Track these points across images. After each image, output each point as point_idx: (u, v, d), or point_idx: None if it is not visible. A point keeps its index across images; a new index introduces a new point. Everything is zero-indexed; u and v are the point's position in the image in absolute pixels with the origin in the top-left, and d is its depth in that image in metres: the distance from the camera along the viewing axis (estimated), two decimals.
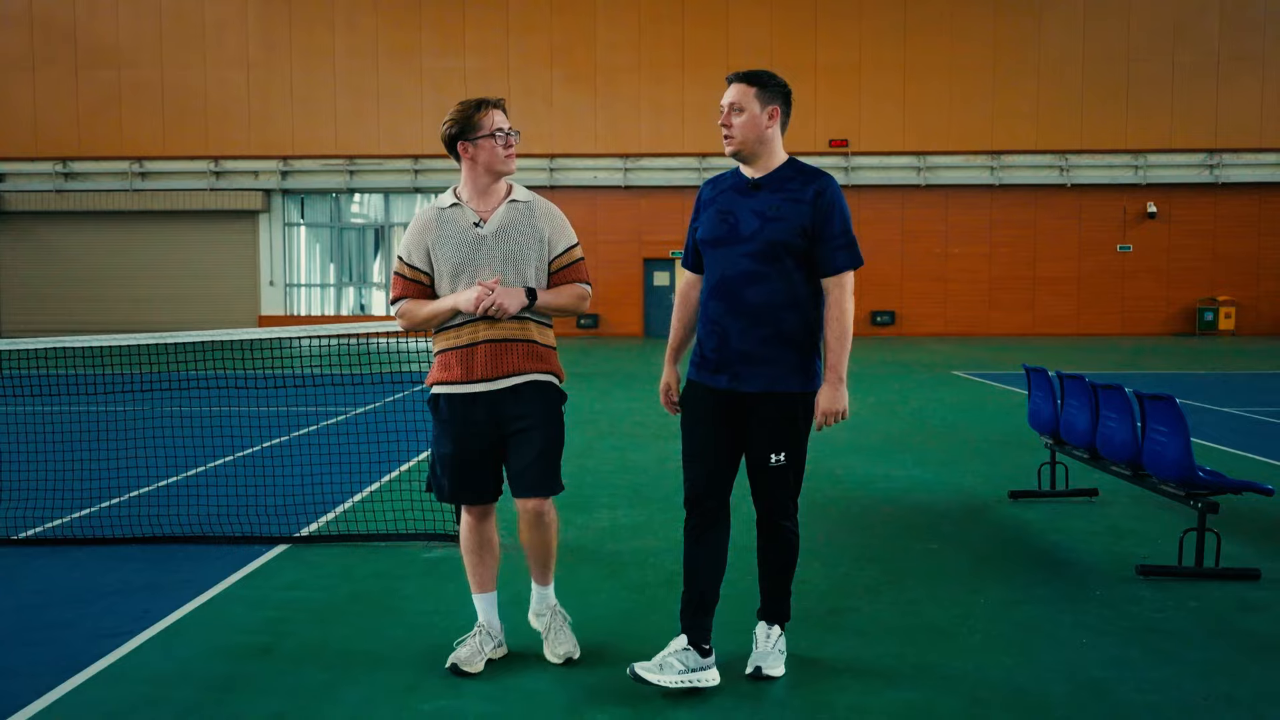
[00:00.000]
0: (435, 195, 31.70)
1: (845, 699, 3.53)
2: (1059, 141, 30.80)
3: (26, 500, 6.34)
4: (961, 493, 7.04)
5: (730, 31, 30.72)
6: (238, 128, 31.45)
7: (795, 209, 3.56)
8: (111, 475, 7.15)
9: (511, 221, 3.75)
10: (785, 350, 3.58)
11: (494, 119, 3.72)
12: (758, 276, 3.56)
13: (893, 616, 4.43)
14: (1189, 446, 4.85)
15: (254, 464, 7.75)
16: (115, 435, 7.96)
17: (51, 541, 5.68)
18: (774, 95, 3.64)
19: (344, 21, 31.12)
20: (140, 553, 5.44)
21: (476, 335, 3.67)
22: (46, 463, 7.26)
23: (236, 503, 6.32)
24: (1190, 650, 4.00)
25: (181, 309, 31.74)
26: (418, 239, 3.78)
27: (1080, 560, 5.31)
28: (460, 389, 3.69)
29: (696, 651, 3.61)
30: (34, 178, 31.71)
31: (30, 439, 7.71)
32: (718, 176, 3.83)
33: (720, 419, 3.65)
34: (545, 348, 3.79)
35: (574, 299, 3.82)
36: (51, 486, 6.67)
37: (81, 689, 3.59)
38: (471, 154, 3.72)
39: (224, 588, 4.81)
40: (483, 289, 3.59)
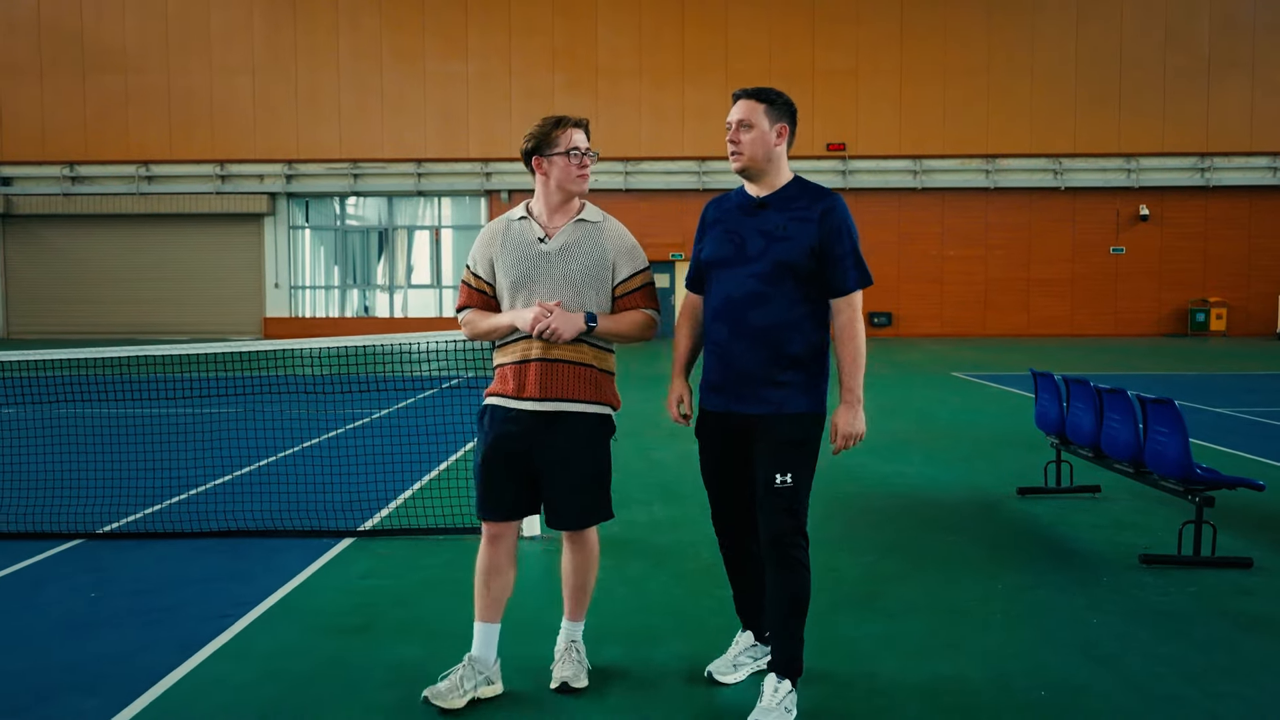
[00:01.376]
0: (439, 199, 32.29)
1: (887, 670, 3.99)
2: (1053, 145, 31.34)
3: (98, 497, 6.78)
4: (972, 489, 7.51)
5: (730, 36, 31.18)
6: (243, 132, 31.83)
7: (803, 228, 3.50)
8: (171, 473, 7.60)
9: (576, 241, 3.69)
10: (790, 372, 3.52)
11: (572, 137, 3.67)
12: (763, 298, 3.51)
13: (919, 599, 4.88)
14: (1188, 445, 5.32)
15: (301, 463, 8.18)
16: (165, 436, 8.39)
17: (133, 535, 6.12)
18: (782, 113, 3.61)
19: (348, 26, 31.51)
20: (218, 545, 5.88)
21: (530, 353, 3.63)
22: (110, 462, 7.70)
23: (297, 499, 6.75)
24: (1191, 628, 4.47)
25: (187, 311, 32.10)
26: (484, 249, 3.76)
27: (1087, 550, 5.77)
28: (509, 403, 3.66)
29: (763, 643, 3.81)
30: (41, 181, 32.07)
31: (86, 439, 8.13)
32: (722, 196, 3.78)
33: (730, 444, 3.64)
34: (601, 373, 3.72)
35: (636, 326, 3.71)
36: (118, 484, 7.11)
37: (207, 664, 4.03)
38: (545, 170, 3.68)
39: (306, 576, 5.25)
40: (541, 310, 3.56)
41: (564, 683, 3.76)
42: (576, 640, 3.92)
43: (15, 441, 8.78)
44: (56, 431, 8.94)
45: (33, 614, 4.68)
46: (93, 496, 6.82)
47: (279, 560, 5.53)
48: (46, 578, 5.28)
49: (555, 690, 3.75)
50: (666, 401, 3.81)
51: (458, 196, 32.40)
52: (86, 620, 4.58)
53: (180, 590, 5.02)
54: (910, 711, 3.58)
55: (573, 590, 3.90)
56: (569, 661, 3.84)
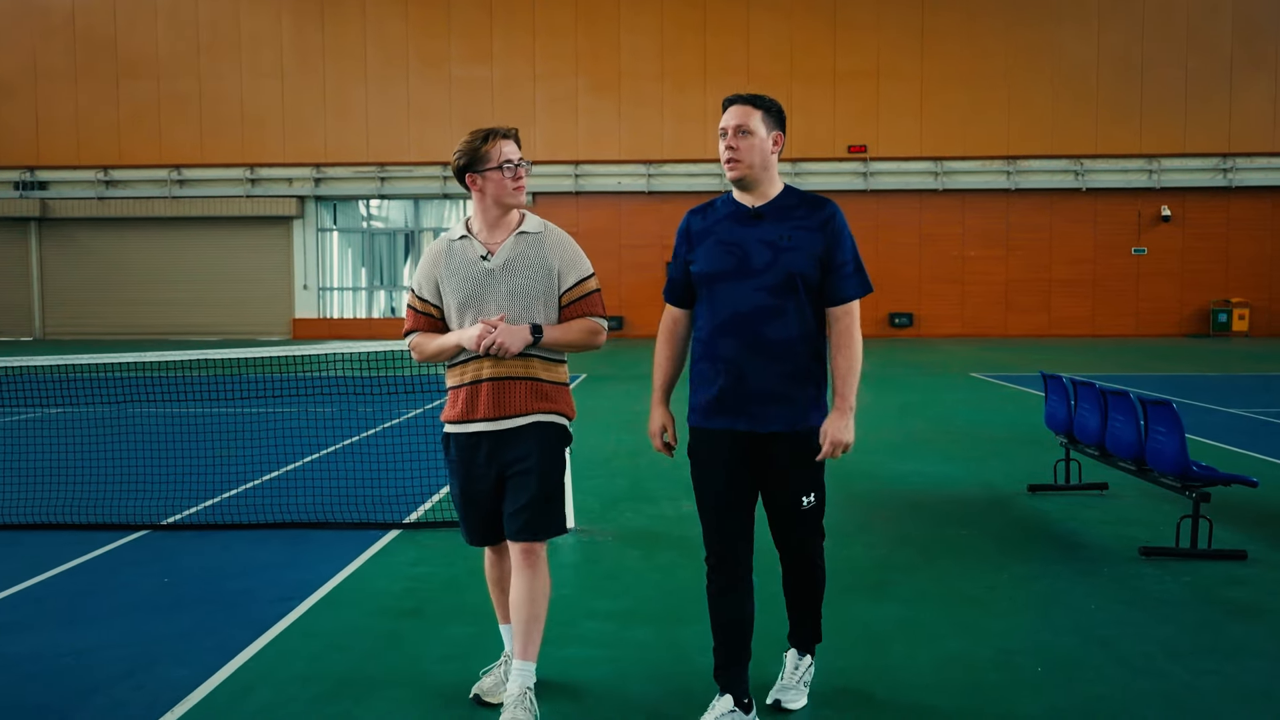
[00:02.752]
0: (463, 201, 32.73)
1: (899, 649, 4.35)
2: (1074, 146, 31.51)
3: (158, 491, 7.23)
4: (985, 486, 7.85)
5: (751, 40, 31.51)
6: (272, 136, 32.42)
7: (808, 237, 3.43)
8: (226, 469, 8.04)
9: (520, 254, 3.61)
10: (803, 386, 3.45)
11: (503, 150, 3.58)
12: (776, 311, 3.40)
13: (930, 587, 5.24)
14: (1185, 444, 5.65)
15: (346, 459, 8.61)
16: (214, 433, 8.84)
17: (195, 526, 6.56)
18: (777, 120, 3.51)
19: (375, 32, 32.04)
20: (275, 535, 6.31)
21: (480, 373, 3.59)
22: (166, 458, 8.15)
23: (345, 493, 7.17)
24: (1183, 613, 4.81)
25: (217, 312, 32.71)
26: (428, 271, 3.70)
27: (1091, 544, 6.11)
28: (464, 428, 3.63)
29: (741, 710, 3.48)
30: (76, 185, 32.76)
31: (137, 437, 8.59)
32: (704, 205, 3.64)
33: (738, 465, 3.48)
34: (552, 385, 3.66)
35: (584, 334, 3.65)
36: (176, 479, 7.56)
37: (278, 640, 4.44)
38: (480, 186, 3.60)
39: (360, 564, 5.66)
40: (485, 327, 3.50)
41: None
42: (530, 687, 3.59)
43: (70, 439, 9.25)
44: (106, 430, 9.41)
45: (114, 596, 5.11)
46: (154, 491, 7.27)
47: (333, 549, 5.94)
48: (120, 564, 5.72)
49: None
50: (649, 431, 3.66)
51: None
52: (164, 602, 5.00)
53: (245, 576, 5.44)
54: (920, 686, 3.94)
55: (523, 622, 3.60)
56: (520, 708, 3.52)
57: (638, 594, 5.12)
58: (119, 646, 4.36)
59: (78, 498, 7.08)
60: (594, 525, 6.56)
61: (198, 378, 9.11)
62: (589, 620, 4.71)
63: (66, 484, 7.45)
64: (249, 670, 4.08)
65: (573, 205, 31.66)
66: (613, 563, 5.73)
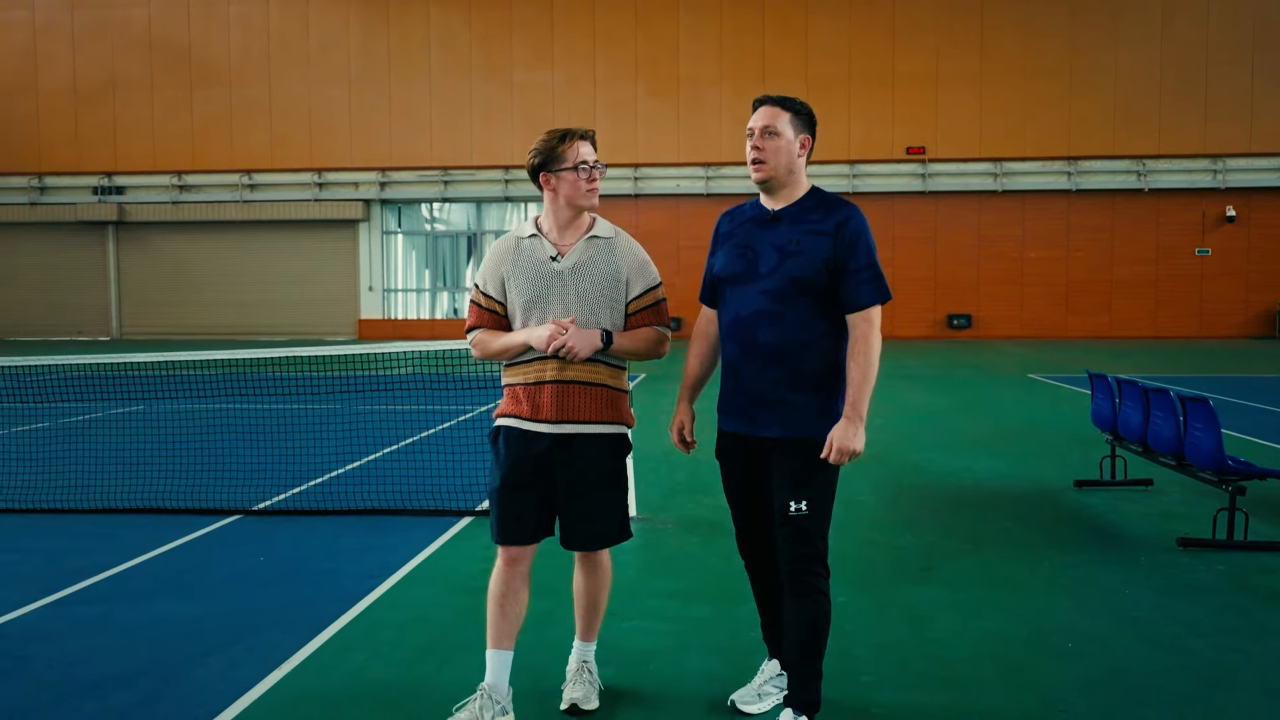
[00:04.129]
0: (525, 204, 33.35)
1: (943, 624, 4.68)
2: (1136, 147, 31.24)
3: (247, 479, 7.76)
4: (1033, 482, 8.10)
5: (809, 42, 31.69)
6: (339, 141, 33.27)
7: (815, 242, 3.37)
8: (308, 459, 8.56)
9: (590, 258, 3.61)
10: (804, 393, 3.39)
11: (578, 151, 3.57)
12: (773, 316, 3.38)
13: (973, 572, 5.54)
14: (1220, 439, 5.89)
15: (420, 451, 9.08)
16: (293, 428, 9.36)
17: (284, 512, 7.06)
18: (805, 123, 3.49)
19: (439, 39, 32.74)
20: (358, 521, 6.77)
21: (544, 374, 3.57)
22: (251, 449, 8.70)
23: (420, 482, 7.62)
24: (1214, 599, 5.06)
25: (286, 313, 33.64)
26: (494, 268, 3.68)
27: (1131, 535, 6.36)
28: (524, 425, 3.59)
29: None
30: (152, 190, 33.88)
31: (221, 430, 9.14)
32: (736, 208, 3.67)
33: (748, 467, 3.55)
34: (616, 392, 3.67)
35: (650, 343, 3.65)
36: (262, 469, 8.09)
37: (367, 611, 4.88)
38: (554, 186, 3.59)
39: (437, 547, 6.09)
40: (556, 328, 3.49)
41: (574, 704, 3.72)
42: (589, 661, 3.86)
43: (165, 432, 9.85)
44: (198, 424, 9.99)
45: (216, 572, 5.60)
46: (245, 479, 7.80)
47: (412, 534, 6.39)
48: (219, 545, 6.21)
49: (564, 711, 3.73)
50: (670, 427, 3.77)
51: (542, 202, 33.38)
52: (261, 578, 5.48)
53: (332, 557, 5.90)
54: (957, 658, 4.26)
55: (584, 610, 3.85)
56: (580, 682, 3.77)
57: (697, 576, 5.49)
58: (226, 615, 4.83)
59: (178, 485, 7.62)
60: (655, 514, 6.93)
61: (273, 375, 9.66)
62: (651, 598, 5.08)
63: (167, 473, 8.02)
64: (344, 636, 4.53)
65: (631, 207, 32.09)
66: (673, 548, 6.11)
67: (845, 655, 4.26)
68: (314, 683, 4.00)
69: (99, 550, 6.01)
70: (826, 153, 31.56)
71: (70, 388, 9.89)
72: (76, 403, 11.65)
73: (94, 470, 8.22)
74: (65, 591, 5.21)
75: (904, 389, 15.55)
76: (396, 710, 3.76)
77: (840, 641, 4.39)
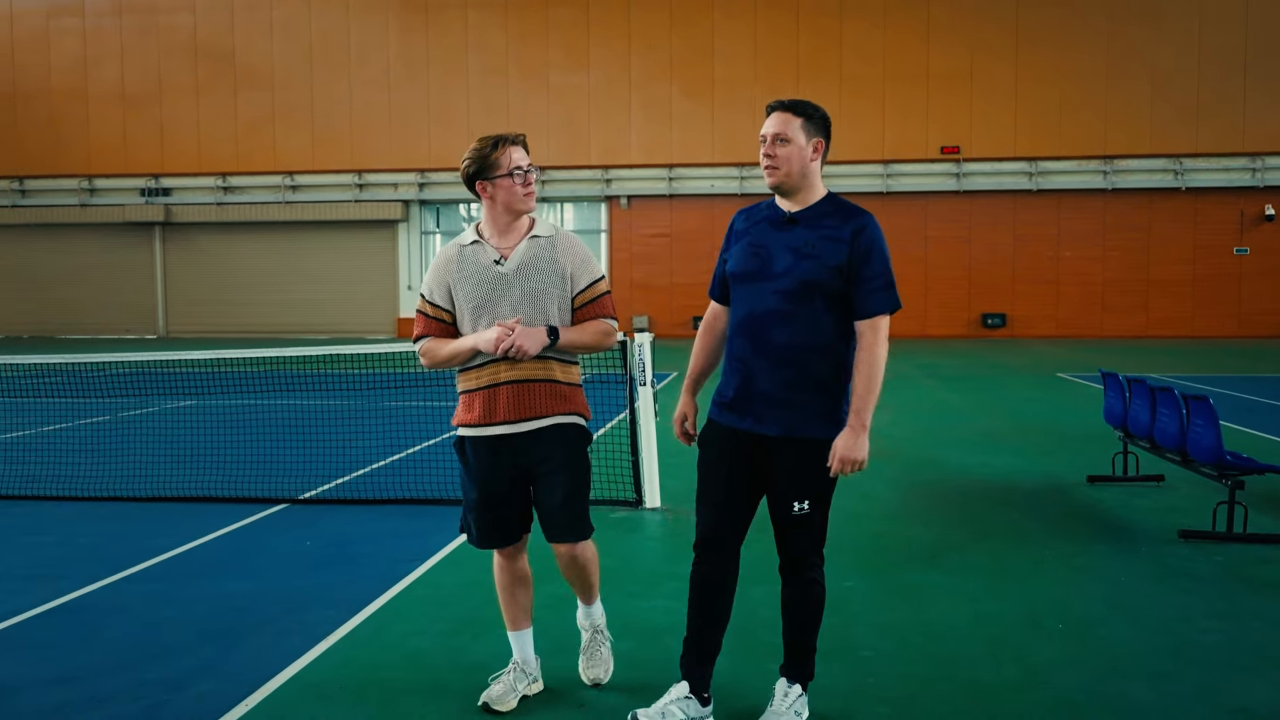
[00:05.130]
0: (560, 204, 33.78)
1: (942, 607, 4.98)
2: (1173, 145, 31.12)
3: (293, 471, 8.19)
4: (1046, 477, 8.36)
5: (844, 43, 31.85)
6: (379, 143, 33.85)
7: (831, 247, 3.42)
8: (349, 452, 9.00)
9: (533, 258, 3.67)
10: (811, 395, 3.43)
11: (511, 157, 3.62)
12: (786, 316, 3.43)
13: (977, 560, 5.84)
14: (1219, 436, 6.13)
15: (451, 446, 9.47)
16: (337, 422, 9.79)
17: (328, 501, 7.49)
18: (818, 127, 3.52)
19: (477, 42, 33.24)
20: (397, 509, 7.18)
21: (498, 376, 3.64)
22: (297, 442, 9.14)
23: (451, 474, 7.98)
24: (1206, 586, 5.33)
25: (326, 312, 34.28)
26: (439, 277, 3.73)
27: (1135, 527, 6.62)
28: (483, 431, 3.67)
29: (698, 700, 3.58)
30: (197, 191, 34.64)
31: (272, 424, 9.58)
32: (752, 207, 3.70)
33: (740, 462, 3.53)
34: (569, 386, 3.73)
35: (597, 335, 3.73)
36: (307, 461, 8.52)
37: (408, 590, 5.26)
38: (490, 193, 3.65)
39: None
40: (503, 329, 3.54)
41: (595, 681, 3.98)
42: (600, 627, 4.03)
43: (215, 426, 10.33)
44: (244, 418, 10.46)
45: (267, 554, 6.02)
46: (290, 471, 8.24)
47: (449, 521, 6.72)
48: (268, 530, 6.64)
49: (591, 686, 3.99)
50: (672, 419, 3.80)
51: (579, 202, 33.83)
52: (308, 560, 5.89)
53: (374, 542, 6.30)
54: (952, 636, 4.57)
55: (579, 583, 3.97)
56: (597, 660, 3.98)
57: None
58: (277, 592, 5.24)
59: (229, 476, 8.07)
60: (678, 505, 7.27)
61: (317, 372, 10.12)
62: (671, 580, 5.42)
63: (219, 464, 8.49)
64: (385, 611, 4.92)
65: (666, 208, 32.43)
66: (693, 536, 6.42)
67: (847, 632, 4.59)
68: (359, 651, 4.39)
69: (160, 534, 6.45)
70: (860, 153, 31.73)
71: (128, 383, 10.40)
72: (133, 398, 12.20)
73: (152, 461, 8.70)
74: (131, 570, 5.66)
75: (931, 388, 15.78)
76: (435, 675, 4.13)
77: (843, 620, 4.72)
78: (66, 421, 11.54)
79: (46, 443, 10.26)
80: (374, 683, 4.05)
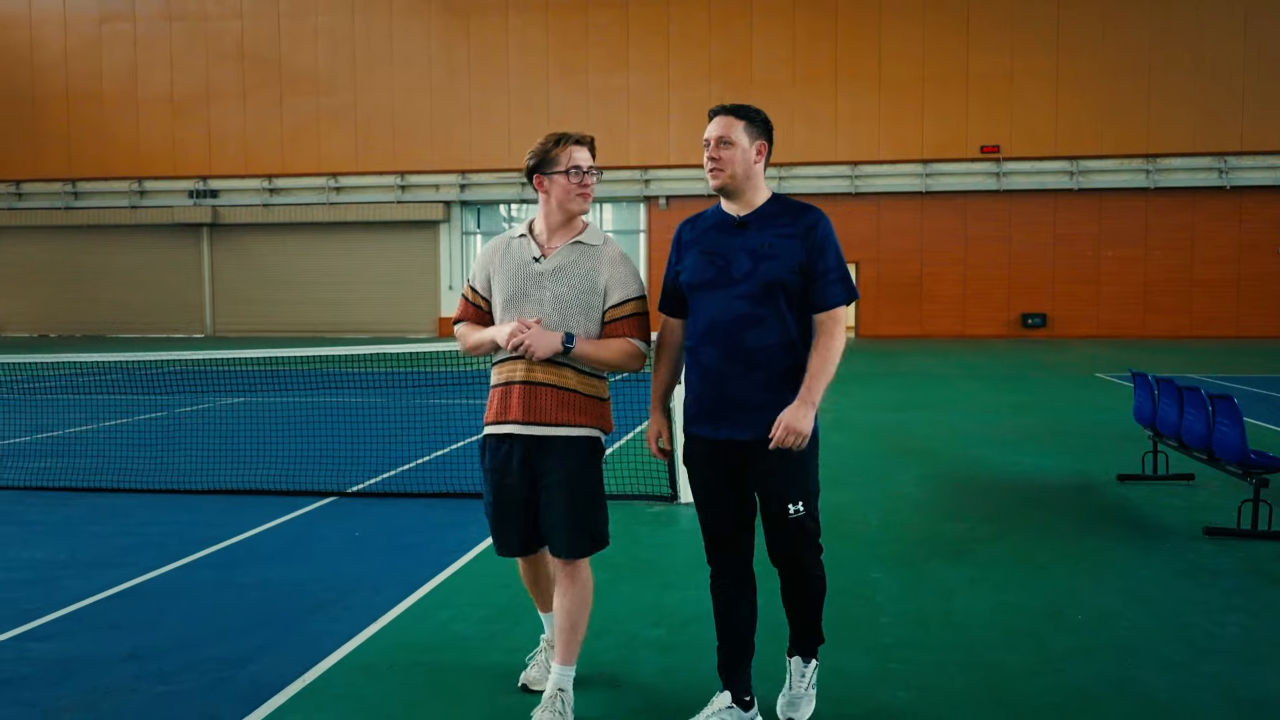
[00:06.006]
0: (600, 205, 34.05)
1: (966, 597, 5.16)
2: (1218, 143, 30.84)
3: (341, 465, 8.50)
4: (1077, 476, 8.47)
5: (883, 44, 31.86)
6: (421, 145, 34.34)
7: (788, 245, 3.44)
8: (395, 448, 9.29)
9: (571, 262, 3.63)
10: (783, 394, 3.42)
11: (572, 155, 3.61)
12: (754, 320, 3.42)
13: (1003, 554, 5.99)
14: (1244, 434, 6.24)
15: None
16: (383, 418, 10.09)
17: (375, 494, 7.77)
18: (760, 130, 3.54)
19: (517, 45, 33.61)
20: (441, 503, 7.45)
21: (513, 374, 3.62)
22: (345, 438, 9.46)
23: None
24: (1225, 580, 5.45)
25: (369, 311, 34.81)
26: (483, 265, 3.76)
27: (1162, 524, 6.73)
28: (497, 429, 3.65)
29: (740, 707, 3.61)
30: (244, 193, 35.33)
31: (321, 420, 9.90)
32: (696, 216, 3.69)
33: (725, 471, 3.53)
34: (586, 398, 3.63)
35: (619, 354, 3.61)
36: (355, 456, 8.83)
37: (451, 578, 5.52)
38: (546, 188, 3.64)
39: None
40: (518, 325, 3.51)
41: None
42: (565, 690, 3.67)
43: (260, 422, 10.67)
44: (289, 415, 10.80)
45: (318, 544, 6.31)
46: (339, 465, 8.54)
47: None
48: (319, 521, 6.93)
49: None
50: (646, 435, 3.77)
51: (618, 202, 34.11)
52: (357, 550, 6.17)
53: (419, 533, 6.57)
54: (973, 625, 4.74)
55: (562, 630, 3.67)
56: (550, 710, 3.61)
57: None
58: (328, 579, 5.51)
59: (281, 470, 8.39)
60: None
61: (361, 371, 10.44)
62: (702, 571, 5.48)
63: (270, 459, 8.81)
64: (431, 597, 5.17)
65: (704, 207, 32.52)
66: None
67: (871, 621, 4.78)
68: (406, 634, 4.65)
69: (217, 525, 6.77)
70: (899, 153, 31.75)
71: (181, 381, 10.77)
72: (187, 394, 12.61)
73: (208, 456, 9.05)
74: (191, 558, 5.96)
75: (967, 388, 15.85)
76: (477, 656, 4.38)
77: (868, 609, 4.92)
78: (126, 417, 11.95)
79: (107, 438, 10.65)
80: (420, 663, 4.30)
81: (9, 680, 4.12)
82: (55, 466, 8.89)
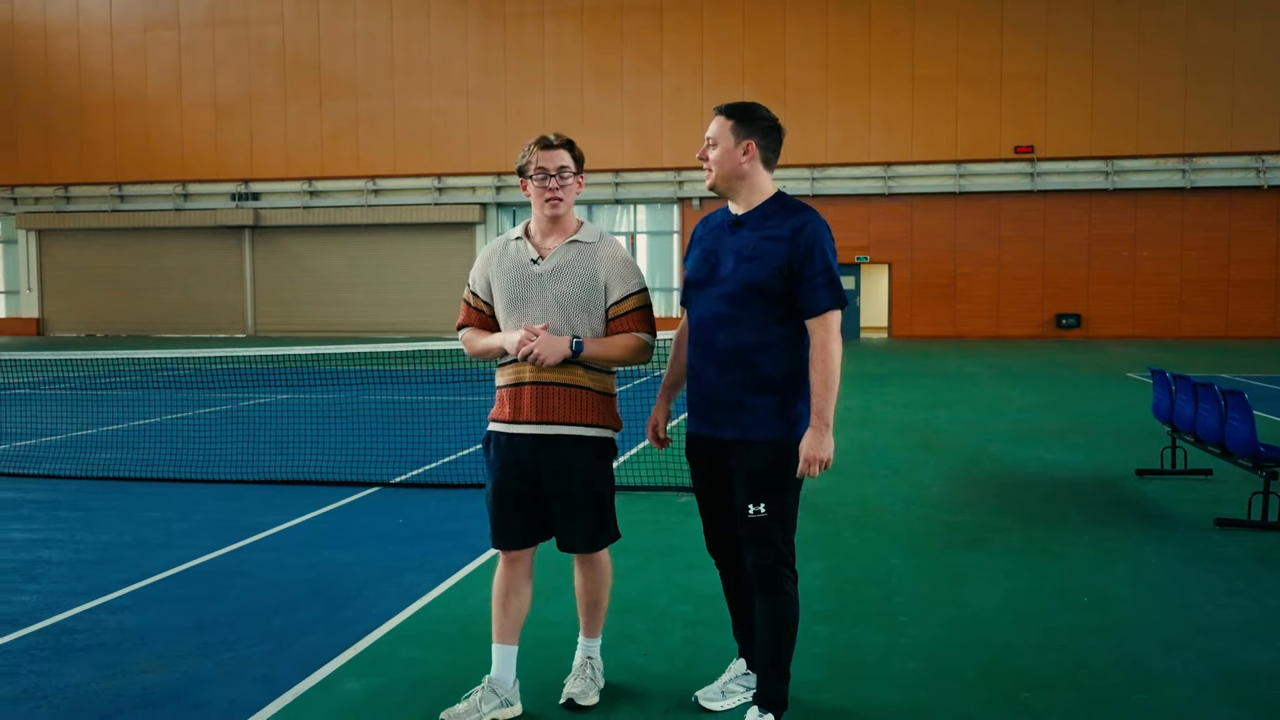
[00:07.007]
0: (634, 206, 34.40)
1: (978, 581, 5.42)
2: (1255, 143, 30.65)
3: (384, 458, 8.88)
4: (1098, 470, 8.67)
5: (916, 45, 31.95)
6: (458, 148, 34.83)
7: (772, 247, 3.42)
8: (434, 442, 9.66)
9: (569, 262, 3.64)
10: (760, 396, 3.44)
11: (537, 158, 3.61)
12: (729, 320, 3.45)
13: (1018, 544, 6.24)
14: (1254, 428, 6.45)
15: None
16: (423, 413, 10.46)
17: (416, 485, 8.14)
18: (751, 130, 3.49)
19: (553, 49, 34.01)
20: (478, 493, 7.77)
21: (522, 375, 3.64)
22: (387, 432, 9.84)
23: None
24: (1232, 568, 5.67)
25: (406, 311, 35.35)
26: (481, 268, 3.77)
27: (1175, 516, 6.95)
28: (510, 429, 3.67)
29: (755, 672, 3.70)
30: (284, 195, 35.98)
31: (364, 416, 10.28)
32: (711, 214, 3.70)
33: (713, 467, 3.60)
34: (596, 394, 3.68)
35: (627, 350, 3.64)
36: (397, 449, 9.20)
37: (489, 562, 5.84)
38: (528, 191, 3.68)
39: None
40: (526, 333, 3.53)
41: (570, 699, 3.78)
42: (593, 657, 3.93)
43: (307, 417, 11.08)
44: (332, 410, 11.20)
45: (363, 530, 6.67)
46: (382, 457, 8.93)
47: None
48: (363, 510, 7.30)
49: (562, 706, 3.81)
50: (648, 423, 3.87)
51: (652, 204, 34.43)
52: (400, 535, 6.52)
53: (458, 520, 6.92)
54: (984, 607, 5.01)
55: (586, 608, 3.93)
56: (581, 678, 3.84)
57: None
58: (373, 562, 5.86)
59: (327, 461, 8.79)
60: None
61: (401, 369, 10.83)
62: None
63: (316, 452, 9.22)
64: (471, 578, 5.51)
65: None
66: None
67: (886, 601, 5.06)
68: (449, 609, 4.99)
69: (269, 511, 7.16)
70: (933, 153, 31.82)
71: (226, 378, 11.21)
72: (233, 390, 13.07)
73: (258, 448, 9.47)
74: (247, 541, 6.35)
75: (995, 386, 16.01)
76: None
77: (883, 591, 5.20)
78: (182, 412, 12.42)
79: (160, 432, 11.10)
80: (463, 635, 4.63)
81: (88, 647, 4.49)
82: (114, 459, 9.32)
